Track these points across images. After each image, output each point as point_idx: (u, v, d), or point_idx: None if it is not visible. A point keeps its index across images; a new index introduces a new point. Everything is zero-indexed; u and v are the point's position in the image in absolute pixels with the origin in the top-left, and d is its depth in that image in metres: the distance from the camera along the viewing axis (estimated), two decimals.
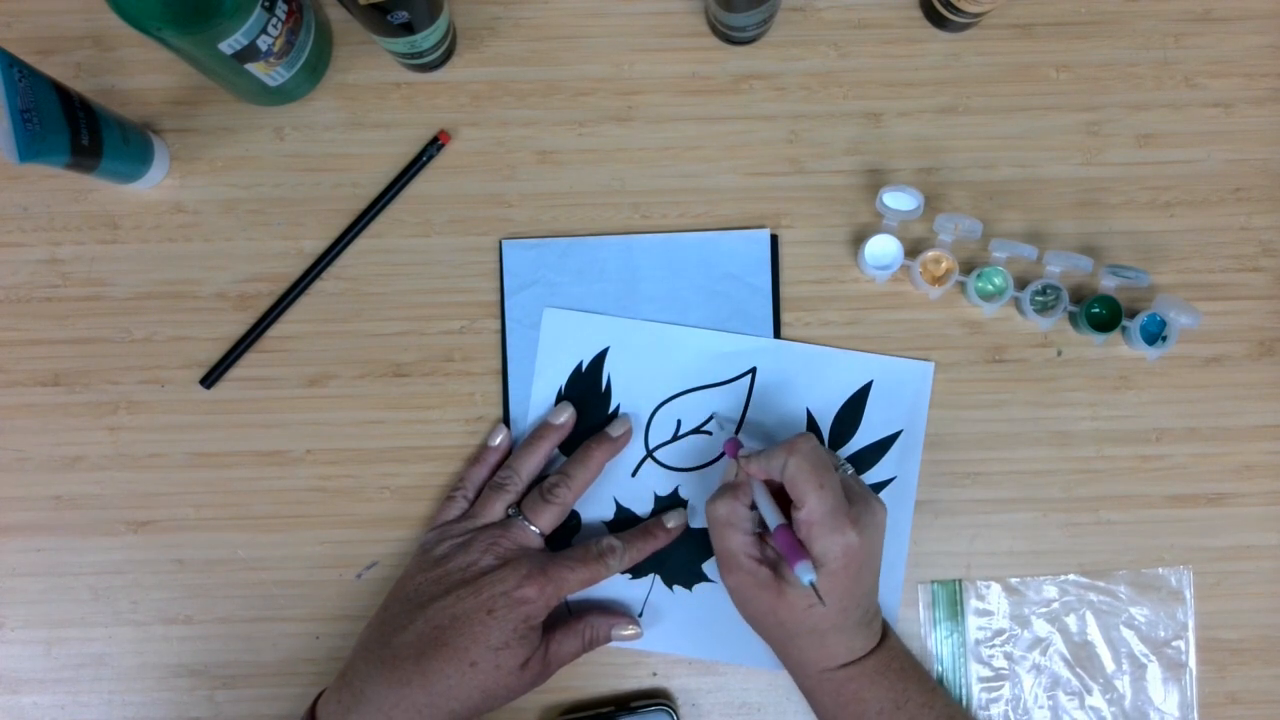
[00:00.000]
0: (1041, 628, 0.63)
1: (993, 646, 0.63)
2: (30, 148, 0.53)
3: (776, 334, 0.64)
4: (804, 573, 0.51)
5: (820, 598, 0.51)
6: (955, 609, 0.63)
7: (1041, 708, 0.63)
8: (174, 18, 0.52)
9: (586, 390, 0.64)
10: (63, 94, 0.56)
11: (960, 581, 0.64)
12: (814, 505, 0.52)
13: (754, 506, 0.56)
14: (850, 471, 0.58)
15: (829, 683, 0.55)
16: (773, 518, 0.54)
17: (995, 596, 0.64)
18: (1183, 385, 0.64)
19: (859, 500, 0.54)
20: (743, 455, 0.56)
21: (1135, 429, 0.64)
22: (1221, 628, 0.63)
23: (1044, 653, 0.63)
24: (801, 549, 0.52)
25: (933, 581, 0.64)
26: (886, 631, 0.58)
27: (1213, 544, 0.64)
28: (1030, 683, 0.63)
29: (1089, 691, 0.63)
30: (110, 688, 0.63)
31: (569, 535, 0.63)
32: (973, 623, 0.63)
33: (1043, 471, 0.64)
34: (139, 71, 0.65)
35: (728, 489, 0.56)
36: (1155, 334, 0.62)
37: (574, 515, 0.64)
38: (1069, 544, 0.64)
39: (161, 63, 0.65)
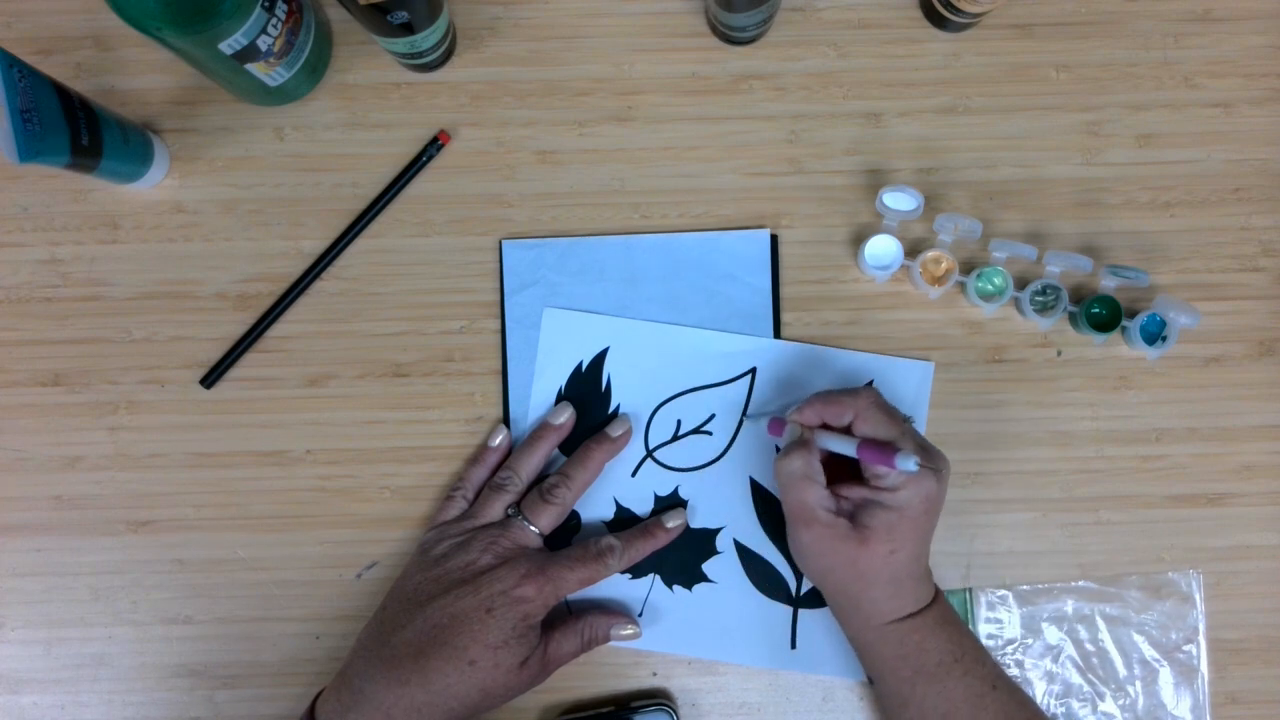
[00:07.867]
0: (1053, 635, 0.63)
1: (1004, 655, 0.63)
2: (30, 148, 0.53)
3: (776, 334, 0.64)
4: (905, 461, 0.50)
5: (935, 469, 0.53)
6: (966, 618, 0.63)
7: (1054, 715, 0.63)
8: (174, 18, 0.52)
9: (586, 390, 0.64)
10: (63, 94, 0.56)
11: (971, 590, 0.63)
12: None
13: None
14: (912, 422, 0.58)
15: (894, 633, 0.55)
16: (848, 445, 0.54)
17: (1006, 605, 0.63)
18: (1183, 385, 0.64)
19: (929, 449, 0.55)
20: (795, 412, 0.57)
21: (1135, 429, 0.64)
22: (1222, 628, 0.63)
23: (1056, 660, 0.63)
24: (889, 449, 0.52)
25: (945, 591, 0.63)
26: (936, 585, 0.58)
27: (1213, 544, 0.64)
28: (1043, 690, 0.63)
29: (1101, 698, 0.63)
30: (110, 688, 0.63)
31: (569, 535, 0.63)
32: (984, 631, 0.63)
33: (1043, 471, 0.64)
34: (139, 71, 0.65)
35: (798, 445, 0.56)
36: (1155, 334, 0.62)
37: (574, 515, 0.64)
38: (1069, 544, 0.64)
39: (161, 63, 0.65)
